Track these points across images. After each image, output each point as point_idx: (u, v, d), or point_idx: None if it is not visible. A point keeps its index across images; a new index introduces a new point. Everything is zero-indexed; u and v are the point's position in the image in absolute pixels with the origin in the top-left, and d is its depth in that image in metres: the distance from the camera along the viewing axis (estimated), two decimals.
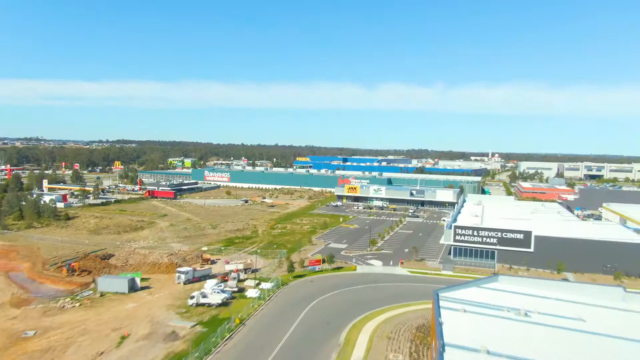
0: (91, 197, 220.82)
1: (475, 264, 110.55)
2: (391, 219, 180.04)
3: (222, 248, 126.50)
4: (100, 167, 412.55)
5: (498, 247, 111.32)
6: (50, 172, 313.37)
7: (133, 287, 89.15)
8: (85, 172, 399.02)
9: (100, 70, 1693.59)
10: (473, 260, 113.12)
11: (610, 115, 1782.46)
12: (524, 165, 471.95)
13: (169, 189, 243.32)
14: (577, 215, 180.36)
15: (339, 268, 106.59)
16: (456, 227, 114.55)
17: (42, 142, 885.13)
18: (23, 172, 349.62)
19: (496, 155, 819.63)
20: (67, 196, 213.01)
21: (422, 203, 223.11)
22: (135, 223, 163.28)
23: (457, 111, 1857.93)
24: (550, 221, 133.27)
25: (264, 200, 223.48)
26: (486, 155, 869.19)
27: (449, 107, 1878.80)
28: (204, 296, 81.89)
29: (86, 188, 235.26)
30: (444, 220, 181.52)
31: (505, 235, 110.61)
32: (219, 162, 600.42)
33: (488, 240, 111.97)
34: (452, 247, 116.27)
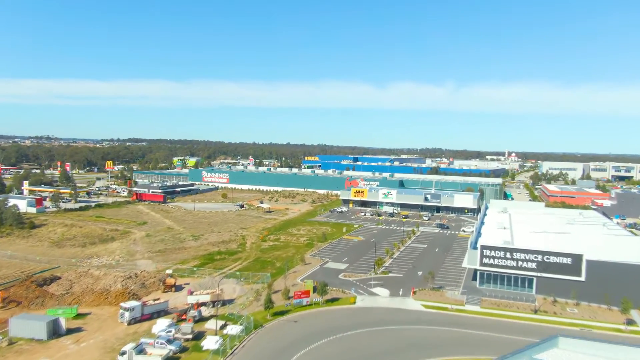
0: (72, 201, 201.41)
1: (507, 296, 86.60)
2: (402, 228, 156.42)
3: (195, 269, 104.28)
4: (97, 167, 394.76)
5: (538, 273, 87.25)
6: (39, 171, 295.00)
7: (56, 332, 67.37)
8: (82, 172, 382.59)
9: (113, 70, 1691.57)
10: (505, 291, 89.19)
11: (627, 113, 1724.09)
12: (546, 166, 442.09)
13: (160, 191, 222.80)
14: (617, 224, 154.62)
15: (333, 300, 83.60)
16: (483, 247, 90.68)
17: (52, 140, 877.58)
18: (19, 171, 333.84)
19: (513, 154, 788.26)
20: (45, 199, 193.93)
21: (438, 209, 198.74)
22: (107, 233, 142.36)
23: (469, 110, 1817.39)
24: (598, 237, 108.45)
25: (261, 205, 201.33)
26: (502, 154, 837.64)
27: (462, 106, 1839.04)
28: (140, 351, 59.64)
29: (63, 190, 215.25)
30: (463, 230, 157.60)
31: (547, 258, 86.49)
32: (225, 160, 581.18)
33: (525, 264, 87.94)
34: (477, 272, 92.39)
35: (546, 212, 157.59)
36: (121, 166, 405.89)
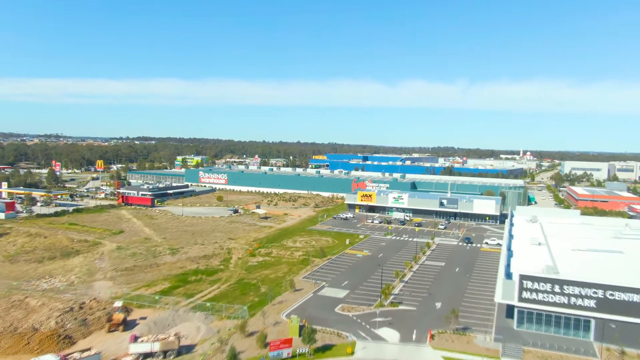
0: (52, 204, 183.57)
1: (557, 344, 65.20)
2: (415, 239, 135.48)
3: (157, 297, 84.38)
4: (94, 167, 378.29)
5: (597, 314, 65.87)
6: (26, 171, 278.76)
7: None
8: (78, 171, 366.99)
9: (125, 69, 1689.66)
10: (553, 336, 67.83)
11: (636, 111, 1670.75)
12: (568, 166, 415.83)
13: (149, 194, 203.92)
14: None
15: (325, 349, 63.10)
16: (523, 277, 69.36)
17: (60, 138, 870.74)
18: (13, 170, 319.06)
19: (528, 153, 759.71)
20: (23, 203, 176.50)
21: (455, 215, 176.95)
22: (73, 245, 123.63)
23: (481, 108, 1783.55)
24: None
25: (257, 210, 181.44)
26: (516, 153, 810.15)
27: (474, 104, 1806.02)
28: None
29: (39, 192, 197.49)
30: (486, 243, 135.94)
31: (610, 295, 65.03)
32: (231, 159, 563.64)
33: (579, 301, 66.54)
34: (516, 309, 71.09)
35: (583, 221, 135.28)
36: (121, 165, 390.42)
